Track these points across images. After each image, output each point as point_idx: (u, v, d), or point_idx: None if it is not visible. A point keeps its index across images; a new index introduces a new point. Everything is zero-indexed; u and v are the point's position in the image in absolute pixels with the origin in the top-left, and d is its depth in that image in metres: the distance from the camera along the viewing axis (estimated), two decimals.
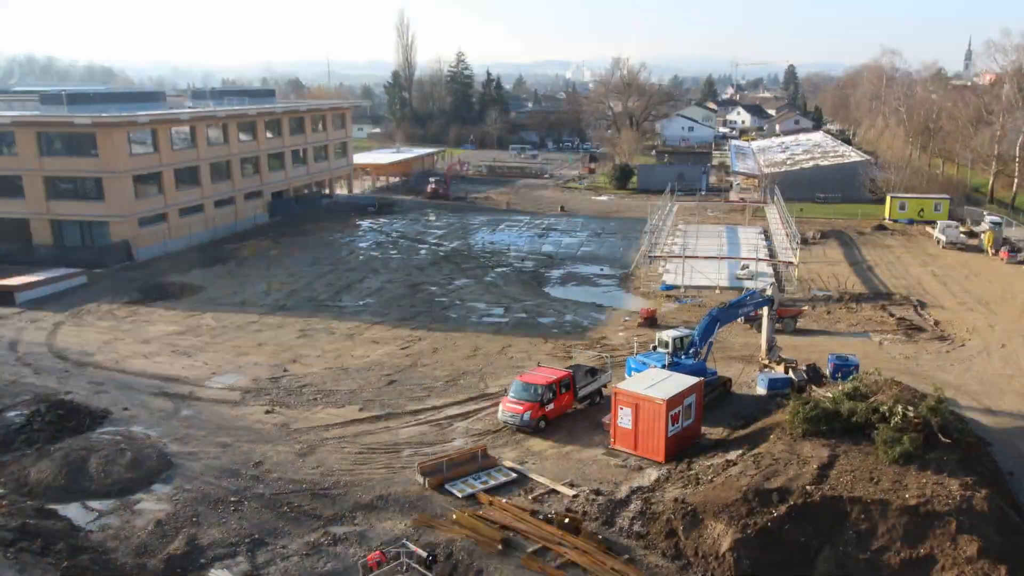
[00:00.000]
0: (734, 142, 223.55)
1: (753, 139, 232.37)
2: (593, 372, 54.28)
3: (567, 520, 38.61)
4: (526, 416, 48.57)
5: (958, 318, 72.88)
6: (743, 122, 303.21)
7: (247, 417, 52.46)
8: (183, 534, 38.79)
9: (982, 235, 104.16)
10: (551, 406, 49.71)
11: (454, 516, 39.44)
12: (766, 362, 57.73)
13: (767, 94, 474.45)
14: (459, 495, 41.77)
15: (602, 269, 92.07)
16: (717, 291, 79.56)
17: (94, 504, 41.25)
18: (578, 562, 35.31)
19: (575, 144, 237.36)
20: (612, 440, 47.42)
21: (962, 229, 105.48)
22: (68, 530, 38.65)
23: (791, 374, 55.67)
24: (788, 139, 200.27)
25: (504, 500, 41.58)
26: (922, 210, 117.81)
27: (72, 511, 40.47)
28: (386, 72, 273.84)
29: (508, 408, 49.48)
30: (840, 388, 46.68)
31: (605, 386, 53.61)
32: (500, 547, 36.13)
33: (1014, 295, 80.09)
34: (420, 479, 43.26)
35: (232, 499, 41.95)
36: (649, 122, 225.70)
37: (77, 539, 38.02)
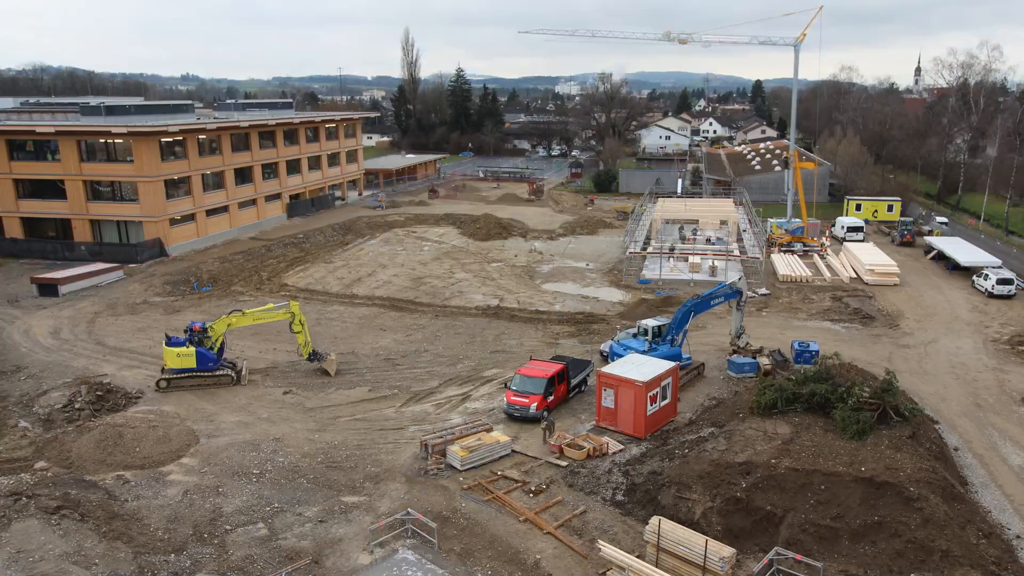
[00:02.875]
0: (706, 149, 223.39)
1: (723, 147, 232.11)
2: (579, 364, 54.03)
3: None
4: (532, 408, 48.04)
5: (907, 308, 72.96)
6: (714, 131, 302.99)
7: (266, 397, 52.41)
8: (209, 503, 38.76)
9: (931, 233, 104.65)
10: (551, 398, 49.48)
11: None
12: (736, 348, 57.79)
13: (736, 106, 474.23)
14: (460, 468, 41.76)
15: (587, 264, 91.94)
16: (691, 284, 79.50)
17: (129, 476, 41.17)
18: None
19: (564, 151, 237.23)
20: (596, 418, 47.48)
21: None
22: (105, 499, 38.60)
23: (759, 359, 55.84)
24: (755, 147, 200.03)
25: (499, 473, 41.70)
26: (876, 211, 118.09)
27: (109, 482, 40.39)
28: (393, 86, 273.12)
29: (514, 401, 48.83)
30: (802, 371, 46.73)
31: (588, 376, 53.30)
32: None
33: (951, 288, 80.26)
34: (423, 453, 43.28)
35: (254, 471, 41.89)
36: (630, 131, 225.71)
37: (113, 508, 37.98)
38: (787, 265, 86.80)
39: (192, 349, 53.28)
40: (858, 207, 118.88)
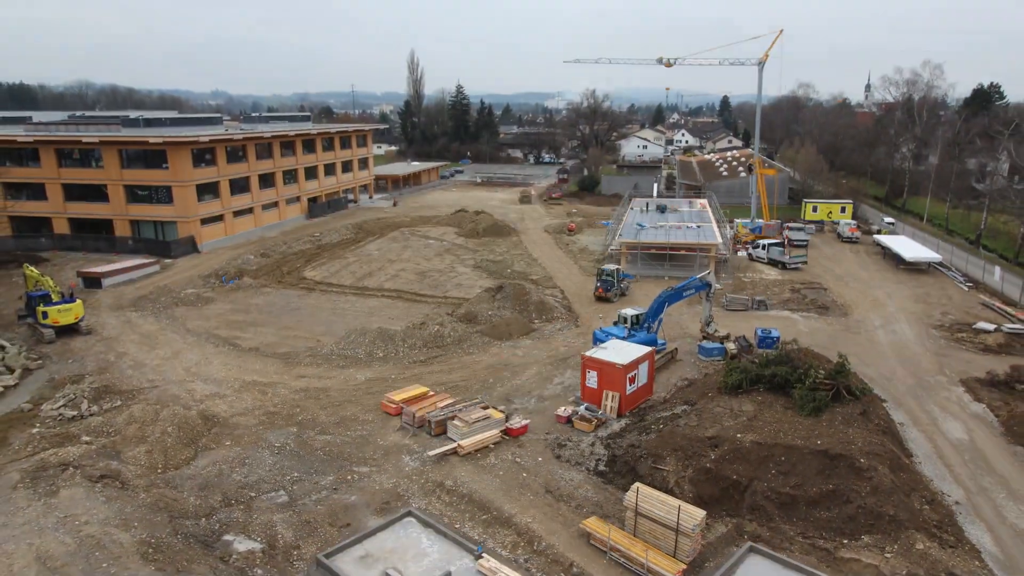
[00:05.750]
0: (679, 157, 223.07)
1: (694, 155, 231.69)
2: None
3: None
4: None
5: (858, 299, 73.00)
6: (686, 141, 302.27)
7: (286, 378, 52.27)
8: (237, 474, 38.64)
9: (879, 231, 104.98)
10: None
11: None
12: (705, 334, 57.78)
13: (706, 119, 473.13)
14: (457, 440, 41.65)
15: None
16: (665, 278, 79.42)
17: (164, 448, 40.86)
18: None
19: (552, 159, 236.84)
20: (581, 397, 47.40)
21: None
22: (144, 470, 38.44)
23: (726, 344, 55.85)
24: (722, 155, 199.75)
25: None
26: (830, 212, 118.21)
27: (147, 454, 40.13)
28: (400, 101, 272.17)
29: None
30: (765, 355, 46.72)
31: None
32: None
33: (898, 282, 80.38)
34: (427, 427, 43.24)
35: (275, 445, 41.76)
36: (611, 141, 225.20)
37: (151, 477, 37.84)
38: None
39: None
40: (815, 208, 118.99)
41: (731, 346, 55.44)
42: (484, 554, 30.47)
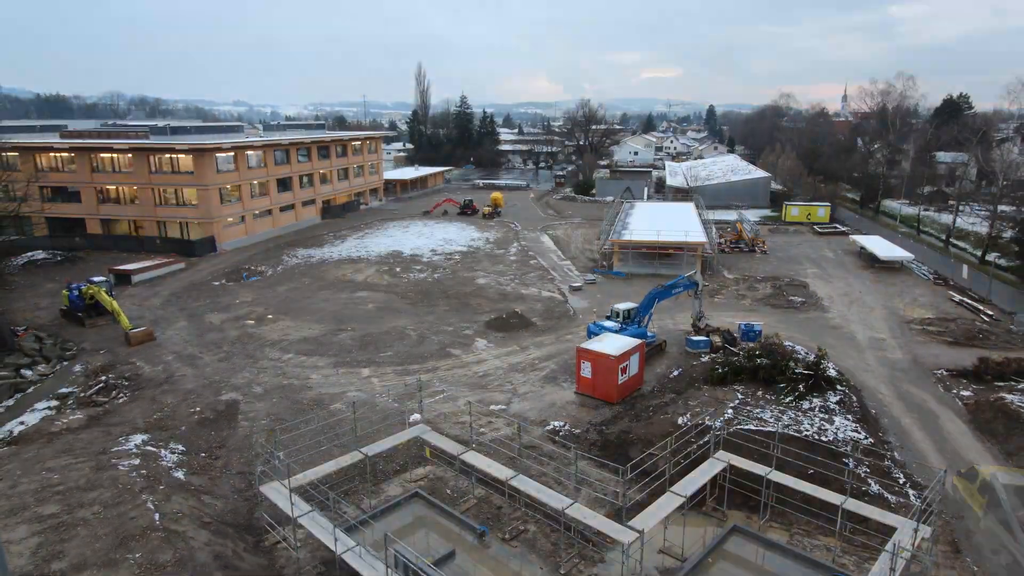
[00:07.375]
0: (668, 163, 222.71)
1: (682, 161, 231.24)
2: None
3: None
4: None
5: (837, 295, 72.89)
6: (675, 148, 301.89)
7: (303, 368, 52.22)
8: (260, 462, 38.57)
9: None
10: None
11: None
12: (696, 328, 57.69)
13: (693, 126, 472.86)
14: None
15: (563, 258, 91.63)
16: (655, 275, 79.27)
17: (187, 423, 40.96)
18: None
19: (549, 164, 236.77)
20: (576, 386, 47.40)
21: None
22: (172, 455, 38.43)
23: (712, 337, 55.79)
24: (708, 160, 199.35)
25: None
26: (809, 214, 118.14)
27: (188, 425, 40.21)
28: (408, 110, 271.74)
29: None
30: (748, 348, 46.68)
31: None
32: None
33: (874, 279, 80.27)
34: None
35: (292, 434, 41.66)
36: (604, 148, 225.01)
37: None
38: None
39: None
40: (794, 210, 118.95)
41: (716, 339, 55.39)
42: (488, 534, 30.42)
